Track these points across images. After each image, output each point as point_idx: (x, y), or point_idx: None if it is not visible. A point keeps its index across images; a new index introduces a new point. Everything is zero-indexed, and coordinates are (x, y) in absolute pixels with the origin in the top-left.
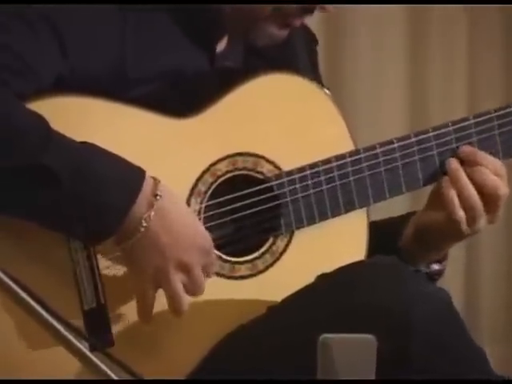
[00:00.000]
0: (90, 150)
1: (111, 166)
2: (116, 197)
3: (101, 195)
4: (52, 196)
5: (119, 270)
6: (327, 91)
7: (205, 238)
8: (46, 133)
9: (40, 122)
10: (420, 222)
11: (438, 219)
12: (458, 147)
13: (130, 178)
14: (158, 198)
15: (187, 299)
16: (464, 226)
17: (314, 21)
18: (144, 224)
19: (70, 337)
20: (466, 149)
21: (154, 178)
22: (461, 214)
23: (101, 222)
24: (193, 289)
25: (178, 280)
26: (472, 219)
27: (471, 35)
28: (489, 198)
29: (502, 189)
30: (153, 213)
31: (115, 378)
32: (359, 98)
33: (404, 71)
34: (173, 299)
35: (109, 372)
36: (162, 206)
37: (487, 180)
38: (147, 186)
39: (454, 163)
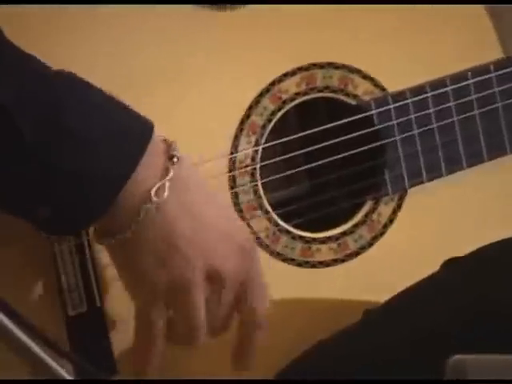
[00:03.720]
0: (67, 85)
1: (100, 109)
2: (106, 159)
3: (81, 156)
4: (4, 152)
5: None
6: None
7: (244, 231)
8: None
9: None
10: None
11: None
12: None
13: (129, 129)
14: (174, 161)
15: (204, 329)
16: None
17: None
18: (155, 199)
19: (45, 356)
20: None
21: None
22: None
23: (80, 200)
24: (215, 315)
25: (203, 296)
26: None
27: None
28: None
29: None
30: (168, 182)
31: None
32: None
33: None
34: (189, 322)
35: None
36: (180, 174)
37: None
38: (157, 144)
39: None
